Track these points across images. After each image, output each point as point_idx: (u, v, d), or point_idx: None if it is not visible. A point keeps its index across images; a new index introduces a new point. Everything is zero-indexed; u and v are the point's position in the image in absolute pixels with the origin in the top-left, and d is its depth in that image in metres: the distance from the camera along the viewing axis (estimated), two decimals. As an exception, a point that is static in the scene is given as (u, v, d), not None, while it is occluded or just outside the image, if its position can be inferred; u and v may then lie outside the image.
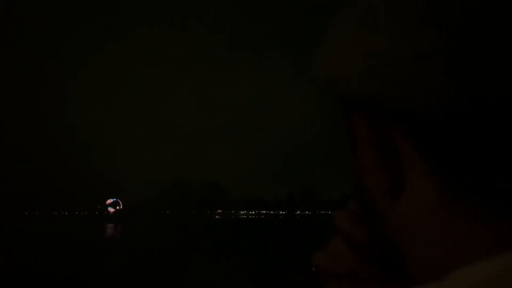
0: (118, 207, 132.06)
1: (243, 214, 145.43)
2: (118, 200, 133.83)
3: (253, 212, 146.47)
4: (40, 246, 28.37)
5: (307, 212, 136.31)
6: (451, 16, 0.27)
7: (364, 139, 0.32)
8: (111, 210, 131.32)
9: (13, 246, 27.76)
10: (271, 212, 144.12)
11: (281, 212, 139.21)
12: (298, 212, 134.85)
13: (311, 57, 0.34)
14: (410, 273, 0.32)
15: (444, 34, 0.27)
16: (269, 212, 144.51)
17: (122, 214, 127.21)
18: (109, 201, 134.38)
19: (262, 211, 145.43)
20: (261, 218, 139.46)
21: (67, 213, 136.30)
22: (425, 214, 0.30)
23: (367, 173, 0.33)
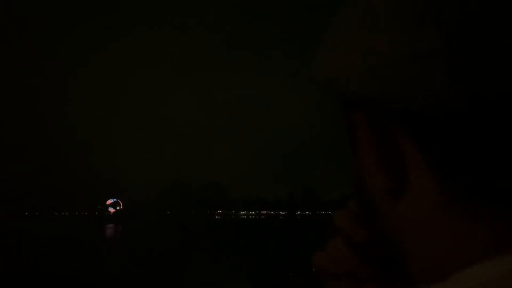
0: (118, 207, 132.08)
1: (243, 214, 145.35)
2: (118, 200, 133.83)
3: (253, 212, 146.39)
4: (40, 246, 28.36)
5: (307, 212, 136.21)
6: (451, 16, 0.27)
7: (365, 139, 0.32)
8: (111, 210, 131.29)
9: (13, 246, 27.75)
10: (271, 212, 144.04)
11: (281, 212, 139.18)
12: (298, 212, 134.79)
13: (311, 57, 0.35)
14: (410, 273, 0.33)
15: (444, 34, 0.27)
16: (269, 212, 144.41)
17: (122, 214, 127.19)
18: (110, 201, 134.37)
19: (262, 211, 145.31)
20: (261, 218, 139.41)
21: (67, 213, 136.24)
22: (426, 214, 0.30)
23: (368, 173, 0.33)
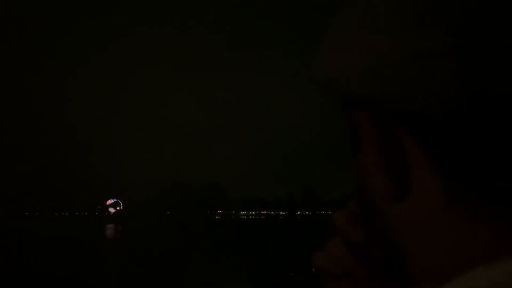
0: (118, 208, 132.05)
1: (243, 214, 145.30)
2: (118, 200, 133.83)
3: (253, 212, 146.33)
4: (40, 246, 28.36)
5: (307, 212, 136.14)
6: (454, 16, 0.27)
7: (367, 139, 0.32)
8: (112, 210, 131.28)
9: (13, 246, 27.75)
10: (271, 212, 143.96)
11: (281, 212, 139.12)
12: (298, 212, 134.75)
13: (311, 57, 0.35)
14: (411, 273, 0.32)
15: (446, 34, 0.27)
16: (269, 212, 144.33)
17: (122, 214, 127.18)
18: (110, 201, 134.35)
19: (262, 211, 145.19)
20: (261, 218, 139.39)
21: (67, 214, 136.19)
22: (429, 214, 0.30)
23: (370, 173, 0.33)
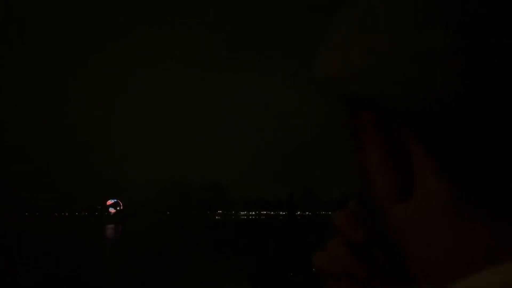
0: (118, 208, 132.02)
1: (243, 214, 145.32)
2: (118, 201, 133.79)
3: (253, 212, 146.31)
4: (40, 246, 28.36)
5: (307, 212, 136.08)
6: (456, 16, 0.27)
7: (370, 139, 0.32)
8: (112, 210, 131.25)
9: (13, 246, 27.75)
10: (271, 212, 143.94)
11: (281, 212, 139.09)
12: (298, 212, 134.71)
13: (311, 57, 0.35)
14: (412, 274, 0.32)
15: (448, 34, 0.27)
16: (269, 212, 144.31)
17: (122, 214, 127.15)
18: (110, 201, 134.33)
19: (262, 211, 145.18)
20: (261, 218, 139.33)
21: (67, 214, 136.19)
22: (432, 214, 0.30)
23: (372, 174, 0.32)
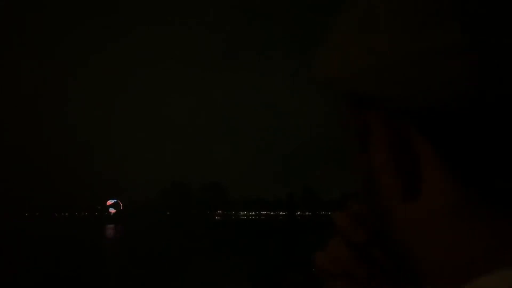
0: (118, 208, 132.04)
1: (243, 215, 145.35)
2: (118, 201, 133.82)
3: (253, 213, 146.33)
4: (40, 246, 28.37)
5: (307, 212, 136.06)
6: (457, 16, 0.27)
7: (378, 139, 0.32)
8: (112, 211, 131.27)
9: (13, 246, 27.75)
10: (271, 212, 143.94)
11: (281, 212, 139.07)
12: (298, 212, 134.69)
13: (311, 57, 0.35)
14: (418, 274, 0.32)
15: (449, 33, 0.27)
16: (269, 212, 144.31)
17: (122, 214, 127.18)
18: (110, 202, 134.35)
19: (262, 211, 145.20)
20: (261, 218, 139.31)
21: (67, 214, 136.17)
22: (439, 214, 0.30)
23: (380, 174, 0.32)
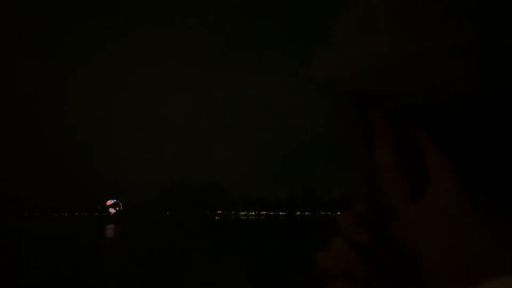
0: (118, 208, 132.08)
1: (243, 215, 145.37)
2: (118, 201, 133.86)
3: (253, 213, 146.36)
4: (40, 246, 28.37)
5: (307, 212, 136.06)
6: (457, 15, 0.27)
7: (383, 138, 0.32)
8: (112, 211, 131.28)
9: (13, 246, 27.76)
10: (271, 212, 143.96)
11: (281, 213, 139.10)
12: (298, 212, 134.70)
13: (312, 57, 0.35)
14: (421, 275, 0.32)
15: (449, 33, 0.27)
16: (269, 212, 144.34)
17: (122, 214, 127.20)
18: (110, 202, 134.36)
19: (262, 211, 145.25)
20: (261, 218, 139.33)
21: (67, 214, 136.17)
22: (446, 215, 0.30)
23: (385, 173, 0.32)
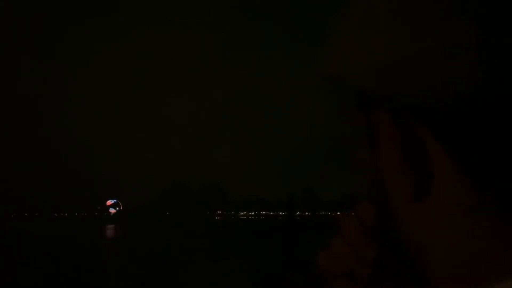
0: (118, 208, 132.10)
1: (243, 215, 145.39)
2: (118, 201, 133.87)
3: (253, 213, 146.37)
4: (40, 246, 28.37)
5: (307, 213, 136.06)
6: (458, 15, 0.27)
7: (388, 137, 0.32)
8: (112, 211, 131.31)
9: (13, 246, 27.76)
10: (271, 213, 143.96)
11: (281, 213, 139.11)
12: (298, 213, 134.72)
13: (312, 58, 0.35)
14: (423, 274, 0.32)
15: (449, 32, 0.27)
16: (268, 212, 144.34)
17: (122, 214, 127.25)
18: (110, 202, 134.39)
19: (262, 211, 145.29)
20: (261, 219, 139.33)
21: (66, 214, 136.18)
22: (450, 214, 0.30)
23: (390, 173, 0.32)
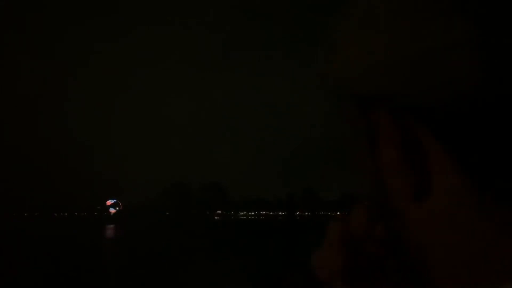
0: (118, 208, 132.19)
1: (243, 215, 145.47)
2: (118, 201, 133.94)
3: (253, 213, 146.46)
4: (40, 246, 28.39)
5: (307, 213, 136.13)
6: (458, 14, 0.27)
7: (387, 138, 0.31)
8: (112, 211, 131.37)
9: (13, 246, 27.77)
10: (271, 213, 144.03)
11: (280, 213, 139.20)
12: (298, 213, 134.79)
13: (312, 58, 0.35)
14: (428, 276, 0.32)
15: (450, 32, 0.27)
16: (268, 212, 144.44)
17: (122, 214, 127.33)
18: (110, 202, 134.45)
19: (262, 211, 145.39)
20: (261, 219, 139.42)
21: (66, 214, 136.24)
22: (451, 214, 0.30)
23: (390, 173, 0.32)
